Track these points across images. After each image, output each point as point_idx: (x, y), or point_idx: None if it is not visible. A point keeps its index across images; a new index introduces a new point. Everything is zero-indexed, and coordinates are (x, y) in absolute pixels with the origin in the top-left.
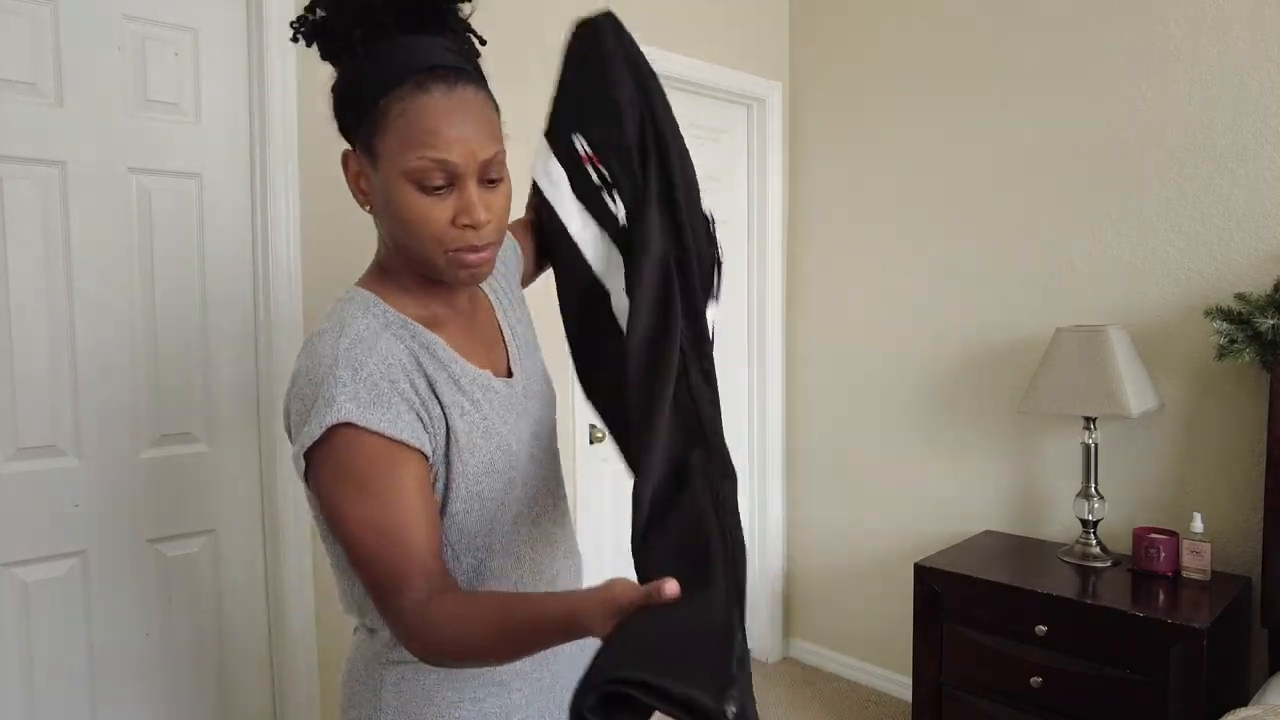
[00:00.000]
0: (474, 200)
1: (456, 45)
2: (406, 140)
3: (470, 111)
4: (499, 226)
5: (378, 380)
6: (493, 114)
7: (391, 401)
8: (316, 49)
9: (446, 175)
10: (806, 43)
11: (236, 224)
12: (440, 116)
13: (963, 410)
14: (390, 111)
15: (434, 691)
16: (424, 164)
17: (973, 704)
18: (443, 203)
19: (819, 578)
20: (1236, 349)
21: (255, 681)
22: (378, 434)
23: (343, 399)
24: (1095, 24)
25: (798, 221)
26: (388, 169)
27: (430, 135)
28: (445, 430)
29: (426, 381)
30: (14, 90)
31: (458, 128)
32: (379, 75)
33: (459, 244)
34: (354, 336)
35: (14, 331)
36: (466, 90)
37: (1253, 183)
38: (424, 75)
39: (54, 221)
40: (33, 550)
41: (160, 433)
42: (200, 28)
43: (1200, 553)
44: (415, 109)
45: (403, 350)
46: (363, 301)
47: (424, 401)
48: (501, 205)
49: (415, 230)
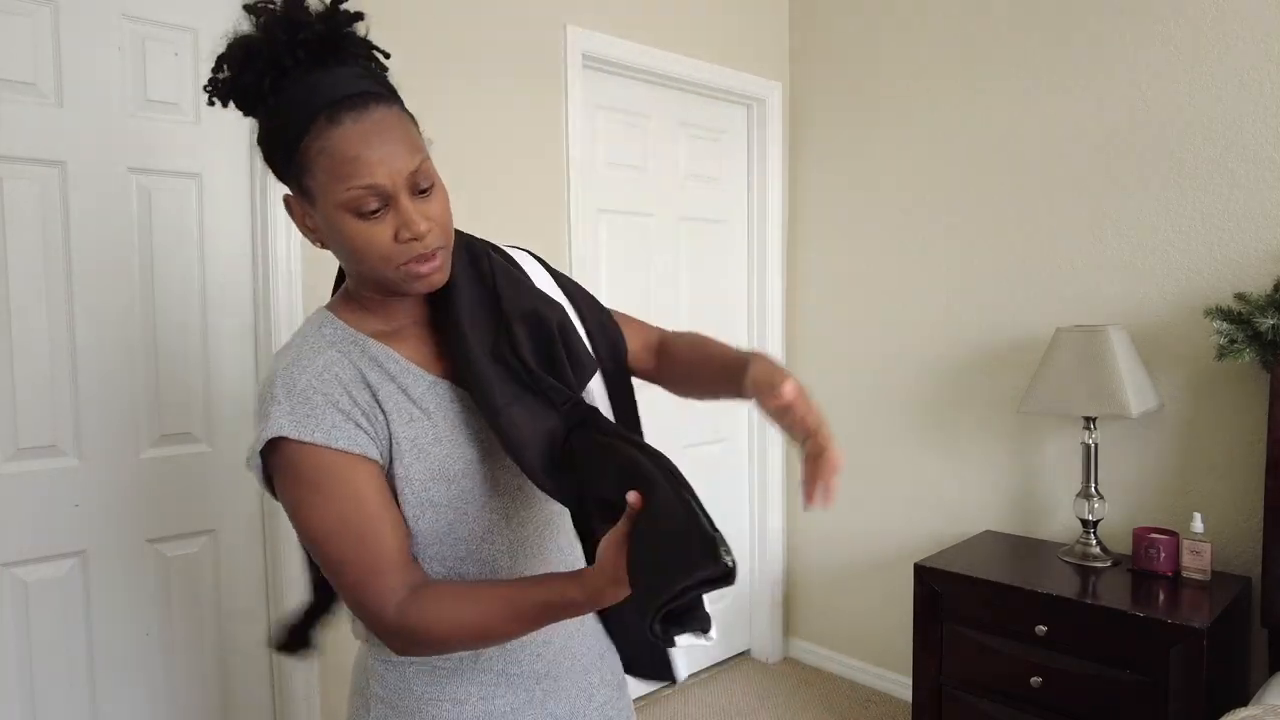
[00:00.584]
0: (411, 215)
1: (361, 69)
2: (332, 175)
3: (385, 131)
4: (443, 231)
5: (310, 395)
6: (409, 126)
7: (325, 414)
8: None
9: (379, 198)
10: (807, 42)
11: (236, 224)
12: (357, 143)
13: (963, 410)
14: (310, 151)
15: (413, 683)
16: (354, 193)
17: (973, 704)
18: (382, 224)
19: (819, 578)
20: (1236, 349)
21: (255, 681)
22: (315, 445)
23: (277, 414)
24: (1096, 24)
25: (798, 221)
26: (324, 205)
27: (352, 164)
28: (389, 437)
29: (370, 393)
30: (14, 90)
31: (377, 149)
32: (292, 119)
33: (406, 257)
34: (294, 355)
35: (14, 331)
36: (377, 111)
37: (1253, 183)
38: (332, 109)
39: (54, 221)
40: (33, 550)
41: (160, 433)
42: (200, 28)
43: (1200, 553)
44: (332, 144)
45: (345, 364)
46: (317, 320)
47: (365, 411)
48: (438, 210)
49: (363, 256)
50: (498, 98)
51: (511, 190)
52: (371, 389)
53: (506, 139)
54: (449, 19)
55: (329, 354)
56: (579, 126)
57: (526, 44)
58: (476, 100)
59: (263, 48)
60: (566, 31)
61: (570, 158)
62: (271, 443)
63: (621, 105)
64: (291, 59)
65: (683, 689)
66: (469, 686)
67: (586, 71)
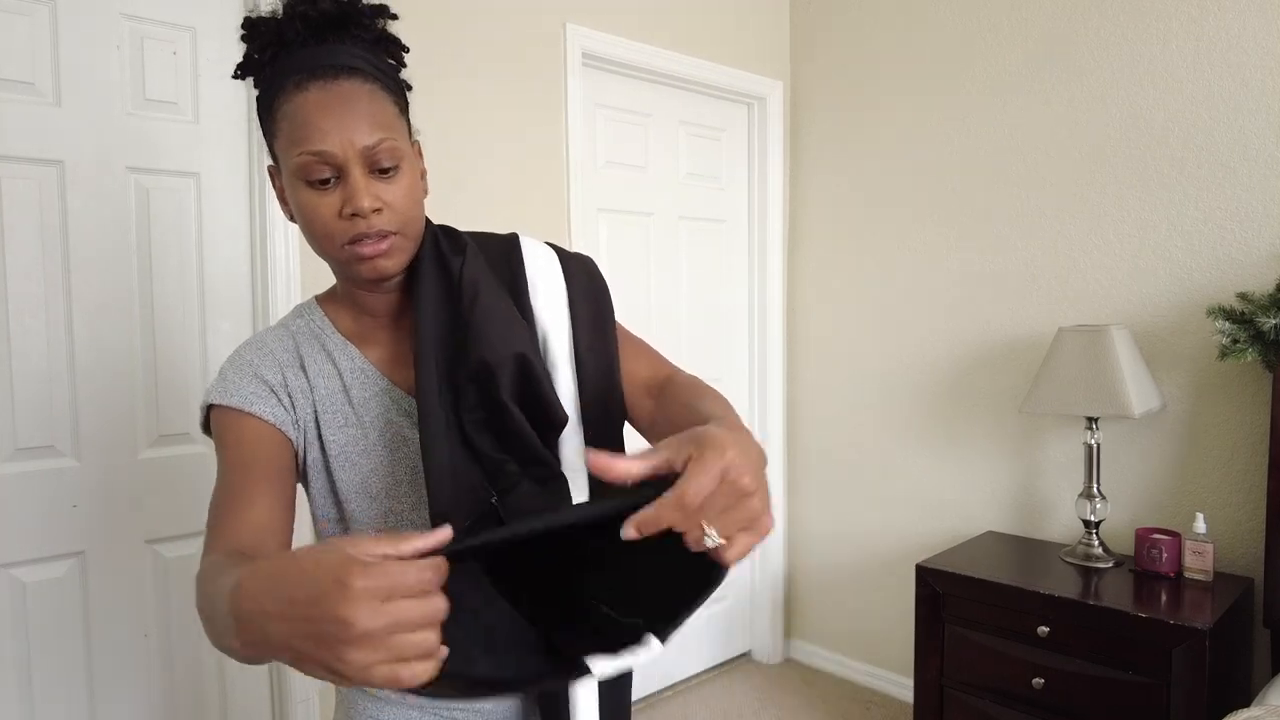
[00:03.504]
0: (358, 188)
1: (363, 50)
2: (289, 139)
3: (348, 103)
4: (397, 217)
5: (243, 368)
6: (381, 104)
7: (248, 383)
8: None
9: (329, 166)
10: (807, 41)
11: (235, 223)
12: (315, 110)
13: (964, 410)
14: (278, 114)
15: (356, 699)
16: (304, 159)
17: (974, 705)
18: (330, 195)
19: (820, 579)
20: (1239, 349)
21: (255, 681)
22: (233, 409)
23: (213, 385)
24: (1097, 23)
25: (798, 220)
26: (285, 171)
27: (306, 129)
28: (316, 426)
29: (305, 380)
30: (13, 90)
31: (334, 119)
32: (273, 83)
33: (349, 235)
34: (257, 336)
35: (13, 331)
36: (349, 84)
37: (1255, 182)
38: (303, 76)
39: (52, 221)
40: (32, 550)
41: (159, 433)
42: (199, 26)
43: (1203, 553)
44: (294, 107)
45: (290, 348)
46: (300, 307)
47: (290, 392)
48: (397, 195)
49: (310, 228)
50: (497, 97)
51: (511, 190)
52: (309, 378)
53: (506, 138)
54: (448, 18)
55: (284, 339)
56: (579, 126)
57: (526, 43)
58: (476, 99)
59: (272, 22)
60: (566, 30)
61: (570, 157)
62: (211, 411)
63: (621, 104)
64: (293, 32)
65: (683, 690)
66: (410, 713)
67: (586, 70)
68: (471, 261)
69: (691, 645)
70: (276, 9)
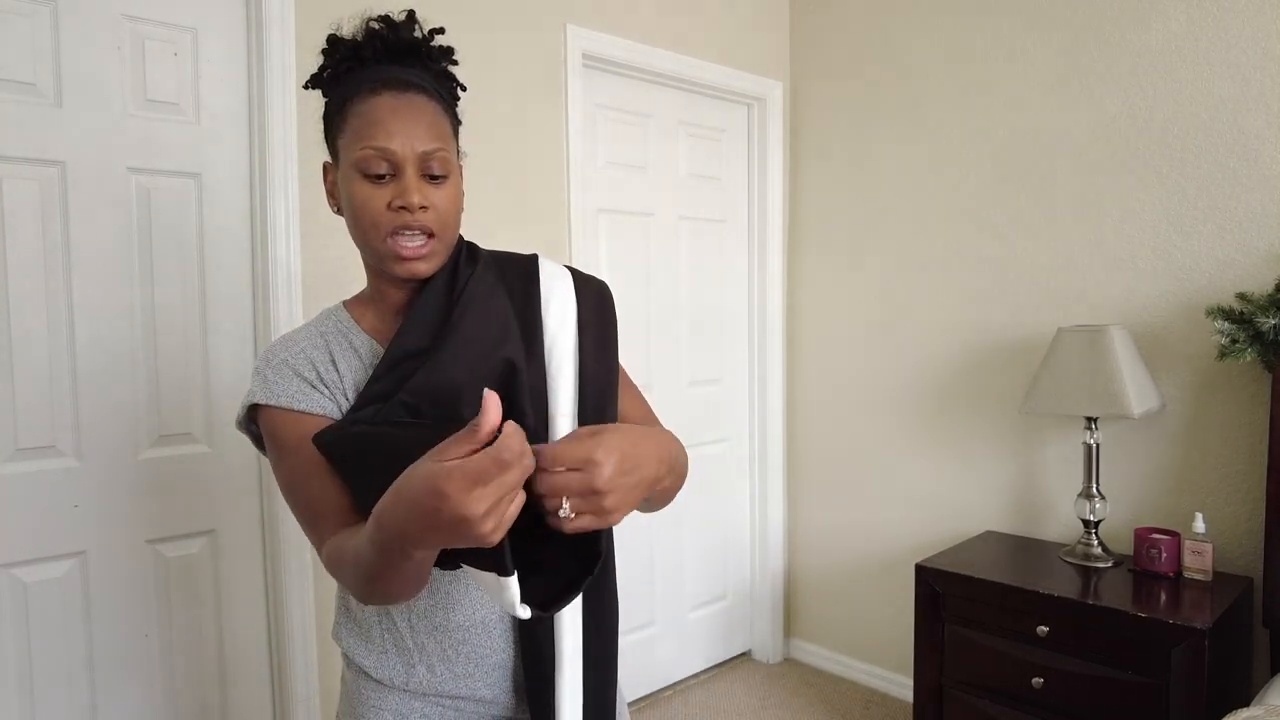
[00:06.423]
0: (410, 185)
1: (431, 74)
2: (356, 134)
3: (415, 111)
4: (440, 221)
5: (281, 368)
6: (442, 120)
7: (290, 381)
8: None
9: (389, 164)
10: (807, 42)
11: (236, 224)
12: (386, 111)
13: (964, 410)
14: (349, 111)
15: (361, 688)
16: (367, 153)
17: (974, 705)
18: (382, 189)
19: (820, 578)
20: (1238, 349)
21: (255, 681)
22: (279, 408)
23: (255, 384)
24: (1097, 23)
25: (798, 220)
26: (344, 164)
27: (374, 127)
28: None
29: (337, 374)
30: (13, 90)
31: (400, 122)
32: (349, 87)
33: (394, 225)
34: (287, 337)
35: (14, 331)
36: (419, 97)
37: (1254, 182)
38: (379, 84)
39: (53, 221)
40: (32, 550)
41: (160, 433)
42: (200, 27)
43: (1202, 553)
44: (366, 107)
45: (321, 347)
46: (327, 311)
47: (328, 384)
48: (443, 200)
49: (359, 217)
50: (497, 97)
51: (511, 190)
52: (339, 372)
53: (506, 138)
54: (448, 18)
55: (314, 338)
56: (579, 126)
57: (526, 43)
58: (476, 99)
59: (353, 42)
60: (567, 31)
61: (570, 158)
62: (256, 410)
63: (621, 105)
64: (371, 51)
65: (683, 689)
66: (413, 702)
67: (586, 71)
68: (479, 276)
69: (691, 645)
70: (357, 31)
